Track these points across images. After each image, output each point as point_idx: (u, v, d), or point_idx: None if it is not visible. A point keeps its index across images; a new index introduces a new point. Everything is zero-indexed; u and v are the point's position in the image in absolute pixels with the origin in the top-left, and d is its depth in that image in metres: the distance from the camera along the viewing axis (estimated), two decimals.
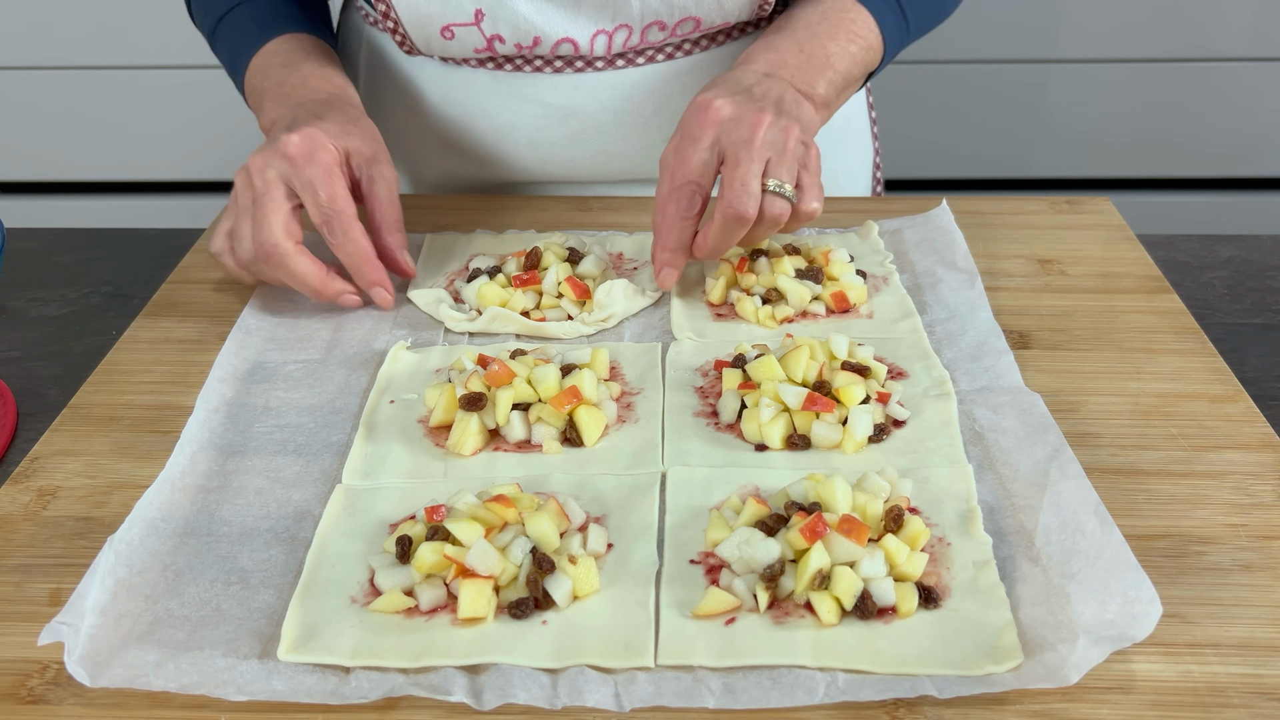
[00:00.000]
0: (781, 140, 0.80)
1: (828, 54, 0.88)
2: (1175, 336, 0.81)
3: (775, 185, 0.79)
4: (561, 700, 0.53)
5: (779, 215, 0.79)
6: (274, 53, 0.93)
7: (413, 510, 0.65)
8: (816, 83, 0.87)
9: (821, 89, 0.87)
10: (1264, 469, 0.68)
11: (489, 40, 0.92)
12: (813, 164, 0.82)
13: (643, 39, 0.94)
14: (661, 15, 0.92)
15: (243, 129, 2.15)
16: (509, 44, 0.93)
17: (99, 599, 0.57)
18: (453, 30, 0.92)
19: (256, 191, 0.80)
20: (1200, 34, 2.02)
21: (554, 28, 0.92)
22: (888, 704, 0.53)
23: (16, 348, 0.86)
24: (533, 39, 0.92)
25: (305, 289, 0.82)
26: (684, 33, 0.95)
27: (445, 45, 0.94)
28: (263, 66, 0.93)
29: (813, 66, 0.87)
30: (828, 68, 0.88)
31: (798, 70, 0.86)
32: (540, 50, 0.94)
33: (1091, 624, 0.54)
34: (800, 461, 0.68)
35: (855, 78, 0.91)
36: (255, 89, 0.93)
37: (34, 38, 2.09)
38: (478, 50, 0.94)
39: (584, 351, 0.75)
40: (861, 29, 0.90)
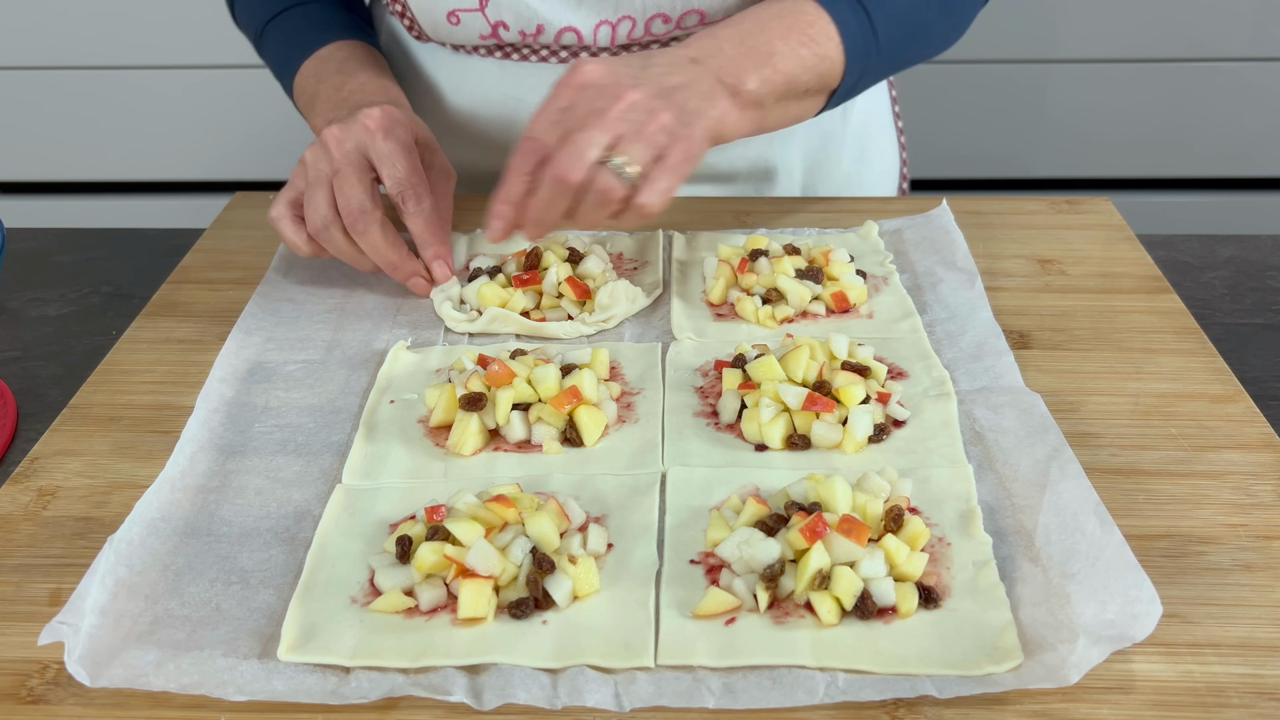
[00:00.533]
0: (644, 121, 0.74)
1: (772, 51, 0.81)
2: (1175, 336, 0.81)
3: (616, 162, 0.73)
4: (561, 700, 0.53)
5: (605, 191, 0.73)
6: (328, 58, 0.95)
7: (413, 510, 0.65)
8: (748, 77, 0.80)
9: (753, 85, 0.80)
10: (1264, 469, 0.68)
11: (493, 27, 0.93)
12: (674, 158, 0.75)
13: (646, 31, 0.94)
14: (664, 8, 0.92)
15: (242, 129, 2.16)
16: (513, 31, 0.93)
17: (99, 599, 0.57)
18: (458, 15, 0.93)
19: (336, 161, 0.81)
20: (1200, 34, 2.01)
21: (556, 16, 0.92)
22: (888, 704, 0.53)
23: (16, 348, 0.86)
24: (536, 27, 0.93)
25: (383, 260, 0.82)
26: (689, 26, 0.94)
27: (452, 31, 0.95)
28: (316, 71, 0.95)
29: (750, 60, 0.80)
30: (767, 65, 0.81)
31: (730, 61, 0.80)
32: (544, 39, 0.94)
33: (1091, 624, 0.54)
34: (800, 461, 0.68)
35: (803, 86, 0.84)
36: (307, 92, 0.95)
37: (34, 38, 2.09)
38: (483, 37, 0.94)
39: (584, 351, 0.75)
40: (818, 35, 0.83)
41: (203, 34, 2.08)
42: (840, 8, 0.85)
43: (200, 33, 2.08)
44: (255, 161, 2.20)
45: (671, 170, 0.75)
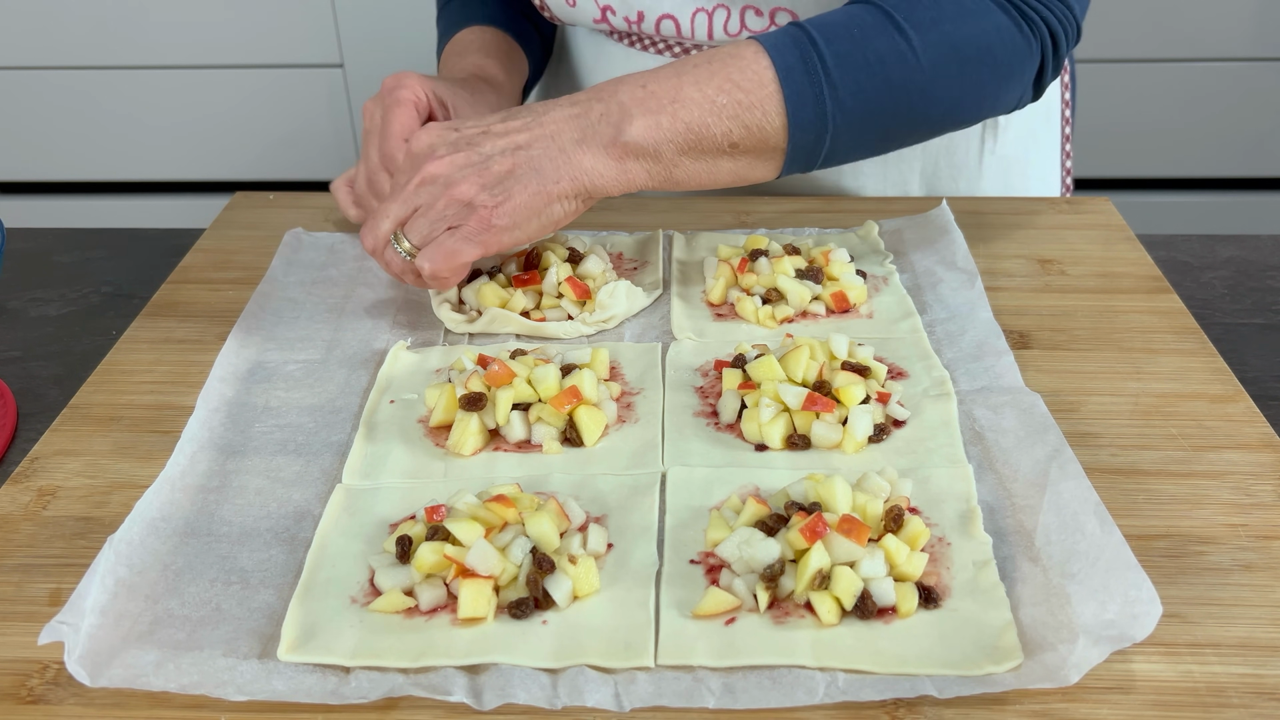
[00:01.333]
0: (437, 194, 0.74)
1: (676, 98, 0.75)
2: (1175, 336, 0.81)
3: (398, 242, 0.76)
4: (561, 700, 0.53)
5: (389, 263, 0.78)
6: (461, 40, 1.03)
7: (413, 510, 0.65)
8: (632, 125, 0.74)
9: (636, 132, 0.74)
10: (1264, 469, 0.68)
11: (602, 11, 0.96)
12: (466, 230, 0.74)
13: (743, 24, 0.93)
14: (755, 1, 0.92)
15: (242, 129, 2.16)
16: (619, 16, 0.96)
17: (99, 599, 0.57)
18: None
19: (365, 131, 0.90)
20: (1200, 34, 2.02)
21: (656, 3, 0.94)
22: (888, 704, 0.53)
23: (16, 348, 0.86)
24: (637, 13, 0.95)
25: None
26: (781, 23, 0.91)
27: (570, 13, 0.99)
28: (446, 53, 1.03)
29: (643, 107, 0.75)
30: (663, 112, 0.74)
31: (619, 107, 0.75)
32: (645, 26, 0.96)
33: (1091, 624, 0.54)
34: (800, 461, 0.68)
35: (720, 137, 0.75)
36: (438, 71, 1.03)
37: (34, 38, 2.09)
38: (595, 21, 0.98)
39: (584, 351, 0.75)
40: (746, 80, 0.75)
41: (203, 34, 2.08)
42: (785, 50, 0.76)
43: (200, 33, 2.08)
44: (255, 161, 2.20)
45: (457, 242, 0.74)
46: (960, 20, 0.78)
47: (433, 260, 0.74)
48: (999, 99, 0.83)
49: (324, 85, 2.12)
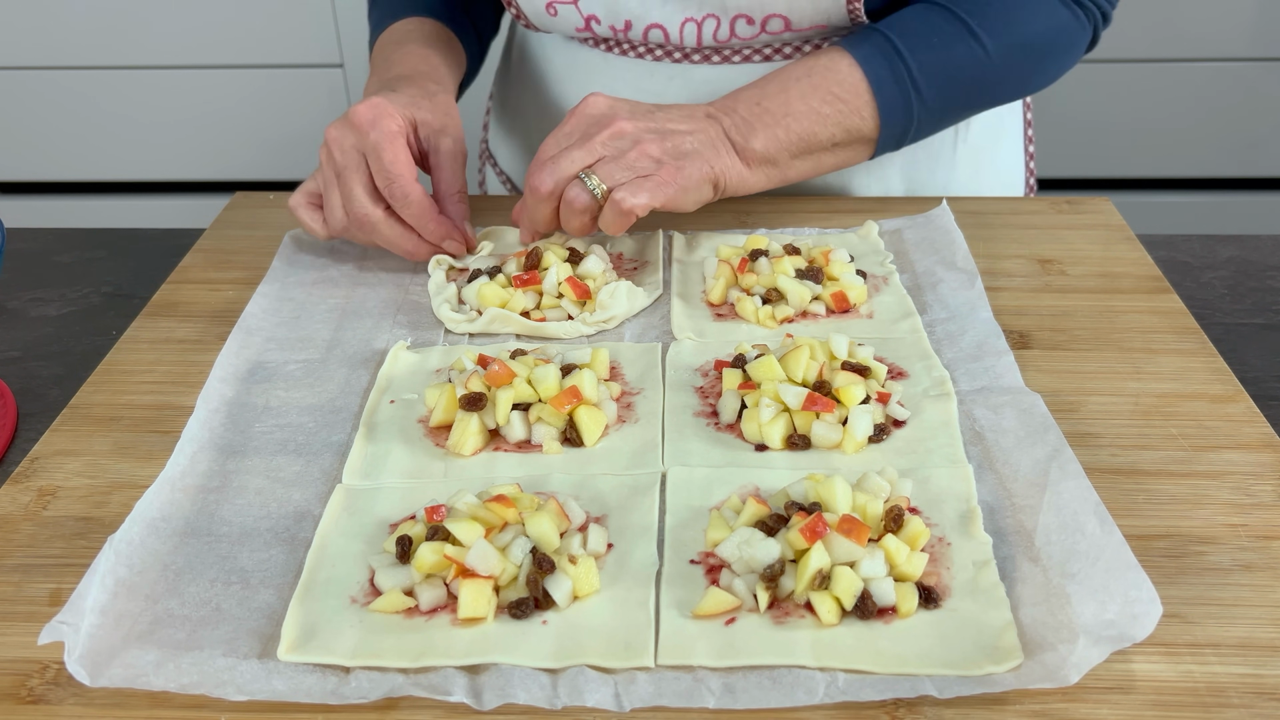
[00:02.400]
0: (626, 148, 0.81)
1: (787, 111, 0.86)
2: (1175, 336, 0.81)
3: (588, 179, 0.80)
4: (561, 700, 0.53)
5: (573, 200, 0.81)
6: (395, 30, 1.01)
7: (413, 510, 0.65)
8: (755, 136, 0.85)
9: (759, 144, 0.85)
10: (1264, 469, 0.68)
11: (586, 19, 0.95)
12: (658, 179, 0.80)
13: (732, 32, 0.94)
14: (746, 9, 0.92)
15: (242, 129, 2.16)
16: (604, 25, 0.95)
17: (99, 599, 0.57)
18: (555, 8, 0.96)
19: (338, 165, 0.85)
20: (1200, 34, 2.02)
21: (644, 10, 0.94)
22: (888, 704, 0.53)
23: (16, 348, 0.86)
24: (624, 22, 0.94)
25: (399, 251, 0.87)
26: (774, 30, 0.93)
27: (551, 21, 0.97)
28: (381, 44, 1.01)
29: (761, 120, 0.85)
30: (778, 125, 0.85)
31: (742, 121, 0.85)
32: (633, 34, 0.96)
33: (1091, 624, 0.54)
34: (800, 461, 0.68)
35: (826, 141, 0.87)
36: (372, 63, 1.01)
37: (34, 38, 2.09)
38: (578, 29, 0.97)
39: (584, 351, 0.75)
40: (845, 92, 0.87)
41: (203, 34, 2.08)
42: (875, 61, 0.87)
43: (200, 33, 2.08)
44: (255, 161, 2.20)
45: (654, 185, 0.80)
46: (1028, 20, 0.89)
47: (635, 193, 0.80)
48: (1056, 77, 0.94)
49: (324, 85, 2.12)
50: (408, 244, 0.87)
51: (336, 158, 0.85)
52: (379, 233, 0.85)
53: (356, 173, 0.84)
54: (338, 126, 0.86)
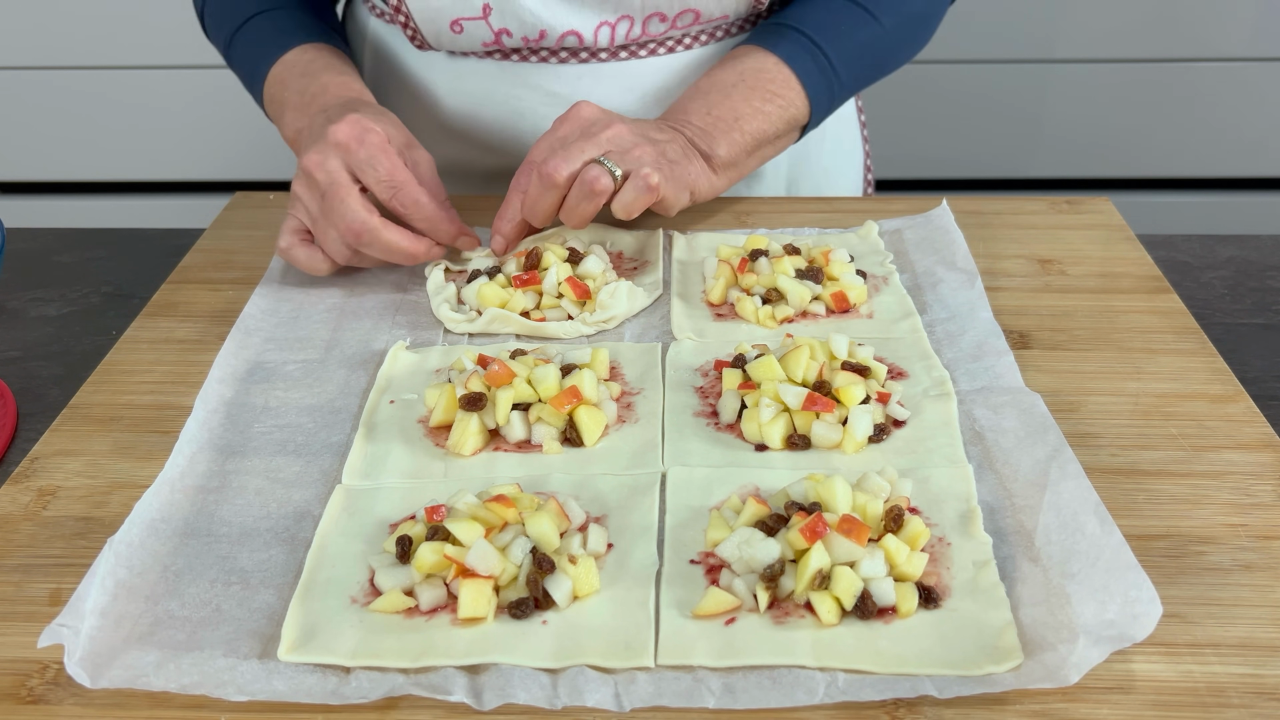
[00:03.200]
0: (629, 147, 0.83)
1: (737, 115, 0.90)
2: (1175, 336, 0.81)
3: (604, 160, 0.81)
4: (561, 700, 0.53)
5: (592, 180, 0.81)
6: (293, 63, 0.96)
7: (413, 510, 0.65)
8: (717, 144, 0.89)
9: (723, 150, 0.89)
10: (1264, 469, 0.68)
11: (497, 34, 0.94)
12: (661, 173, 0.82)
13: (644, 30, 0.96)
14: (661, 7, 0.94)
15: (242, 129, 2.16)
16: (516, 37, 0.95)
17: (99, 600, 0.57)
18: (461, 24, 0.94)
19: (323, 185, 0.82)
20: (1200, 34, 2.02)
21: (559, 20, 0.93)
22: (888, 704, 0.53)
23: (16, 348, 0.86)
24: (539, 32, 0.94)
25: (402, 257, 0.84)
26: (684, 25, 0.97)
27: (454, 39, 0.96)
28: (281, 77, 0.95)
29: (717, 129, 0.89)
30: (734, 129, 0.90)
31: (700, 131, 0.89)
32: (546, 43, 0.96)
33: (1091, 624, 0.54)
34: (800, 461, 0.68)
35: (773, 135, 0.93)
36: (275, 99, 0.95)
37: (34, 38, 2.09)
38: (486, 44, 0.96)
39: (584, 351, 0.75)
40: (781, 88, 0.92)
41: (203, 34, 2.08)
42: (801, 58, 0.94)
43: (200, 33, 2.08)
44: (255, 161, 2.20)
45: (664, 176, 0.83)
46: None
47: (667, 175, 0.83)
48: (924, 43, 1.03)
49: None
50: (415, 247, 0.84)
51: (320, 179, 0.82)
52: (380, 240, 0.82)
53: (346, 187, 0.82)
54: (316, 150, 0.83)
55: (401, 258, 0.84)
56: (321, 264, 0.85)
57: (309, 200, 0.84)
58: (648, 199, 0.82)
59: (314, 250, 0.85)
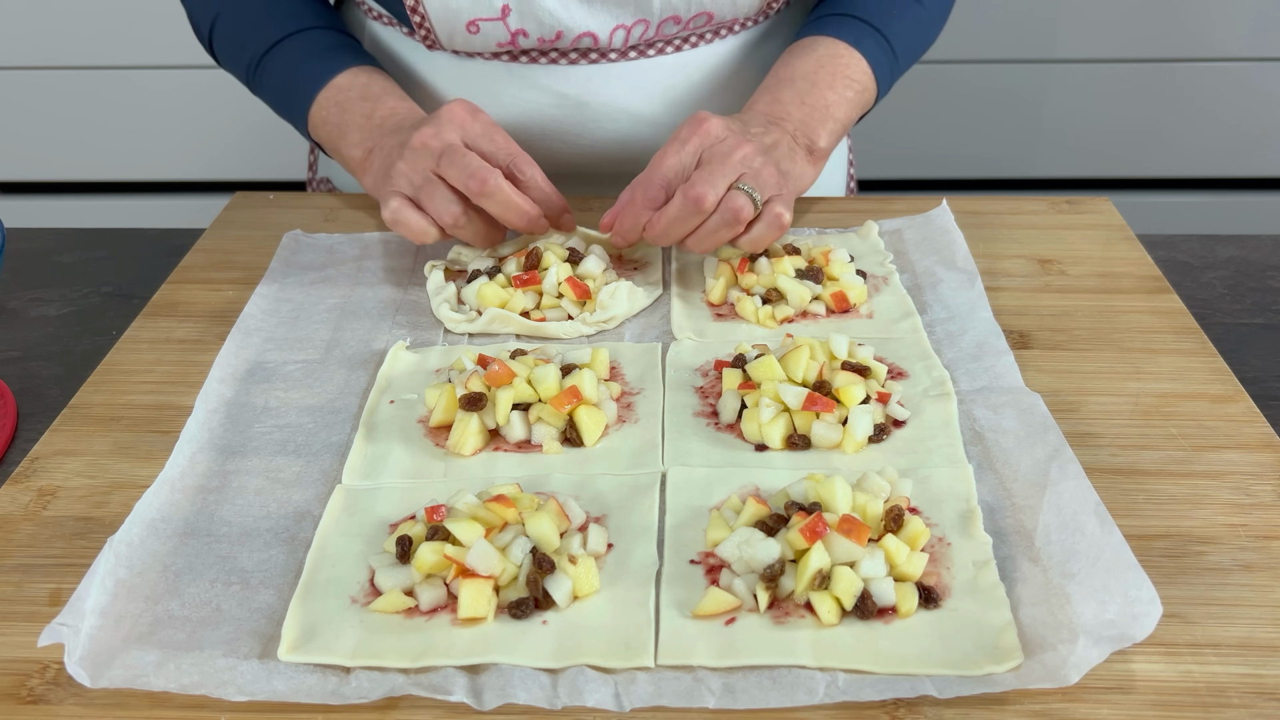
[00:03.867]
0: (759, 169, 0.82)
1: (827, 104, 0.92)
2: (1175, 336, 0.81)
3: (744, 186, 0.81)
4: (561, 700, 0.53)
5: (739, 208, 0.80)
6: (346, 87, 0.94)
7: (413, 510, 0.65)
8: (818, 135, 0.90)
9: (823, 141, 0.90)
10: (1264, 469, 0.68)
11: (513, 35, 0.94)
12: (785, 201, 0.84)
13: (658, 32, 0.96)
14: (679, 10, 0.94)
15: (242, 129, 2.16)
16: (532, 38, 0.95)
17: (99, 600, 0.57)
18: (479, 25, 0.94)
19: (437, 151, 0.83)
20: (1200, 34, 2.01)
21: (577, 22, 0.93)
22: (888, 704, 0.53)
23: (16, 348, 0.86)
24: (556, 33, 0.94)
25: (517, 215, 0.84)
26: (697, 26, 0.97)
27: (469, 40, 0.96)
28: (337, 100, 0.94)
29: (815, 119, 0.90)
30: (829, 118, 0.91)
31: (800, 123, 0.89)
32: (561, 44, 0.96)
33: (1091, 624, 0.54)
34: (800, 461, 0.68)
35: (853, 120, 0.95)
36: (330, 122, 0.94)
37: (34, 38, 2.09)
38: (501, 45, 0.96)
39: (584, 351, 0.75)
40: (856, 73, 0.94)
41: None
42: (867, 43, 0.95)
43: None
44: (255, 161, 2.20)
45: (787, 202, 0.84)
46: None
47: (787, 207, 0.83)
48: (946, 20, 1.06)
49: None
50: (532, 209, 0.84)
51: (435, 146, 0.83)
52: (502, 192, 0.82)
53: (465, 150, 0.82)
54: (430, 128, 0.84)
55: (516, 216, 0.84)
56: (430, 228, 0.84)
57: (415, 172, 0.83)
58: (778, 235, 0.83)
59: (424, 215, 0.84)
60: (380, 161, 0.87)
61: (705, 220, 0.81)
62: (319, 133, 0.96)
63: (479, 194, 0.82)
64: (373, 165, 0.89)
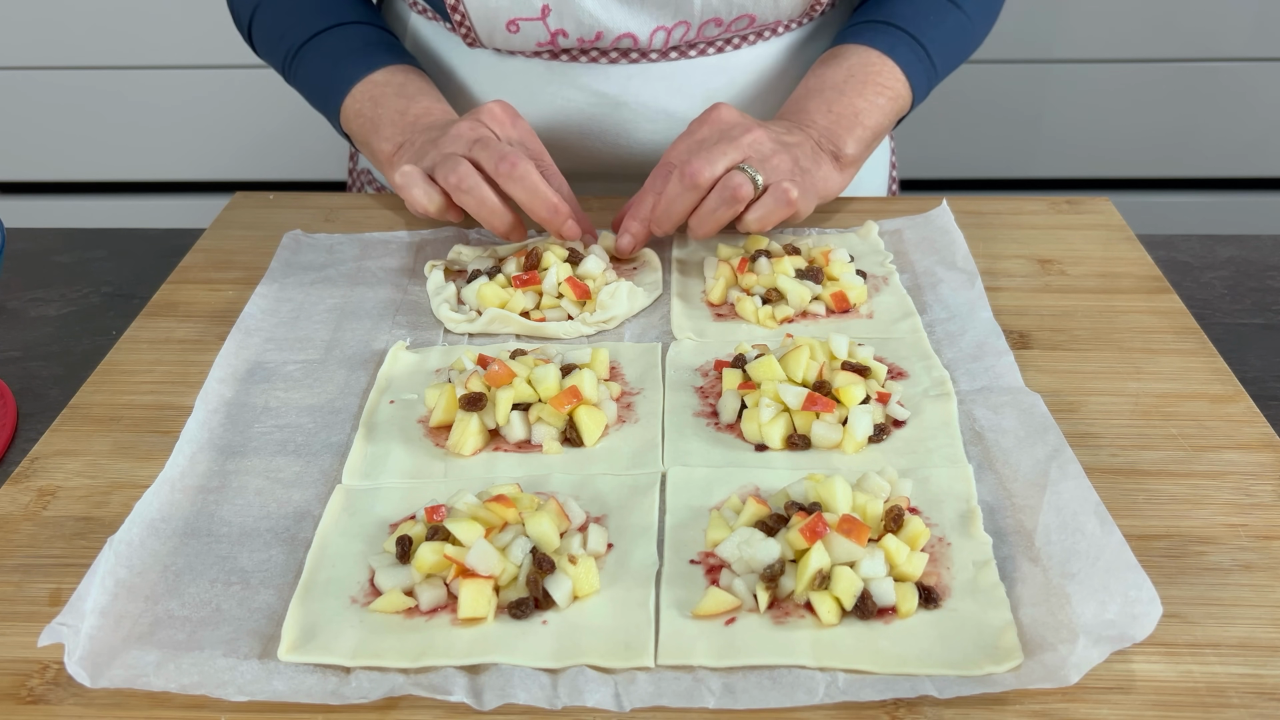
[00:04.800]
0: (768, 154, 0.83)
1: (856, 111, 0.92)
2: (1175, 336, 0.81)
3: (746, 167, 0.81)
4: (561, 700, 0.53)
5: (736, 188, 0.81)
6: (384, 83, 0.95)
7: (413, 510, 0.65)
8: (845, 142, 0.90)
9: (850, 148, 0.90)
10: (1264, 469, 0.68)
11: (553, 34, 0.94)
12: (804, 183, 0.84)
13: (699, 34, 0.96)
14: (720, 12, 0.94)
15: (242, 129, 2.16)
16: (572, 38, 0.95)
17: (99, 600, 0.57)
18: (518, 24, 0.94)
19: (469, 140, 0.83)
20: (1200, 34, 2.01)
21: (616, 23, 0.93)
22: (888, 704, 0.53)
23: (16, 348, 0.86)
24: (595, 34, 0.94)
25: (541, 203, 0.83)
26: (739, 29, 0.97)
27: (509, 39, 0.96)
28: (373, 95, 0.95)
29: (841, 126, 0.91)
30: (857, 125, 0.91)
31: (825, 130, 0.90)
32: (601, 44, 0.96)
33: (1091, 624, 0.54)
34: (800, 461, 0.68)
35: (886, 127, 0.95)
36: (364, 115, 0.95)
37: (34, 38, 2.09)
38: (540, 44, 0.96)
39: (584, 351, 0.75)
40: (889, 80, 0.94)
41: (203, 34, 2.08)
42: (901, 50, 0.96)
43: (200, 33, 2.08)
44: (255, 161, 2.20)
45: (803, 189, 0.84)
46: None
47: (795, 187, 0.83)
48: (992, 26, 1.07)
49: None
50: (558, 201, 0.83)
51: (468, 135, 0.83)
52: (530, 176, 0.82)
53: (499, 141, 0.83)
54: (468, 123, 0.85)
55: (542, 203, 0.83)
56: (438, 199, 0.84)
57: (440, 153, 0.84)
58: (784, 213, 0.83)
59: (433, 186, 0.84)
60: (411, 154, 0.88)
61: (704, 199, 0.82)
62: (350, 125, 0.96)
63: (508, 176, 0.82)
64: (402, 159, 0.89)
